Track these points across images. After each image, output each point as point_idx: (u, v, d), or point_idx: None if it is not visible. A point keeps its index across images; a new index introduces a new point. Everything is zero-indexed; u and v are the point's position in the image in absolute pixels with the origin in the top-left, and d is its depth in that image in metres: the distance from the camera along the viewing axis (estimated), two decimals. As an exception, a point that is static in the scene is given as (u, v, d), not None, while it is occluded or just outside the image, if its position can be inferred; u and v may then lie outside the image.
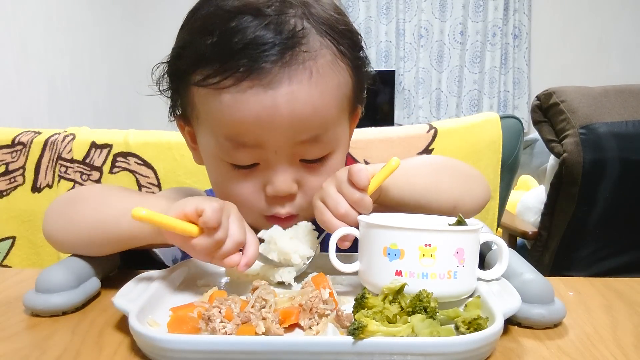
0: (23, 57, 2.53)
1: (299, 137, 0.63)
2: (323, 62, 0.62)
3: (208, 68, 0.61)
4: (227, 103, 0.61)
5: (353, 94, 0.68)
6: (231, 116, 0.61)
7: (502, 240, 0.56)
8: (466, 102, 4.23)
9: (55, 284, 0.55)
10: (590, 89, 1.51)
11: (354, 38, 0.68)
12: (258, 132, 0.62)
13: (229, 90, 0.60)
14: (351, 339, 0.42)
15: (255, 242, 0.58)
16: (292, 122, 0.61)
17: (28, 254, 1.09)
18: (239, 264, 0.56)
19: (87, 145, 1.08)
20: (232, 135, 0.63)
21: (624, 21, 4.04)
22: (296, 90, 0.60)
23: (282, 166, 0.64)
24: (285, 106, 0.60)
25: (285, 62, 0.59)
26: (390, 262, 0.51)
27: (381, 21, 4.19)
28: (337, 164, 0.68)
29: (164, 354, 0.43)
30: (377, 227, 0.54)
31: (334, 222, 0.59)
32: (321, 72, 0.62)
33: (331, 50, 0.64)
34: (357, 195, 0.59)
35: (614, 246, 1.55)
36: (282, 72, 0.59)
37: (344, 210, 0.59)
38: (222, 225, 0.54)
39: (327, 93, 0.63)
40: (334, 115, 0.65)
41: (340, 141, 0.68)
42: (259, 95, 0.60)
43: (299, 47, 0.60)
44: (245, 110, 0.60)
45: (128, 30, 3.66)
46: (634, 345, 0.48)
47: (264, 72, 0.59)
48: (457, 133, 1.06)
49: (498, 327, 0.44)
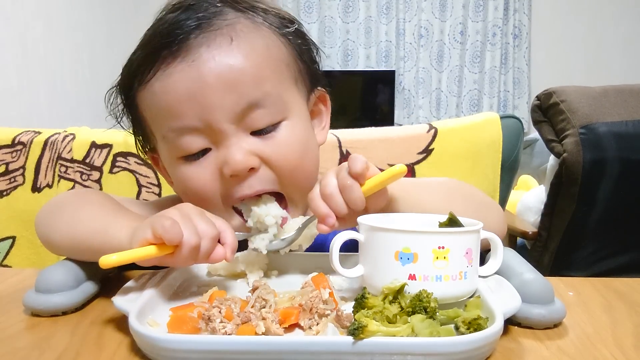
0: (23, 57, 2.53)
1: (237, 104, 0.61)
2: (242, 27, 0.63)
3: (139, 70, 0.63)
4: (158, 92, 0.62)
5: (294, 61, 0.67)
6: (166, 102, 0.62)
7: (496, 236, 0.57)
8: (466, 102, 4.23)
9: (55, 284, 0.55)
10: (590, 89, 1.51)
11: (281, 14, 0.68)
12: (195, 108, 0.60)
13: (157, 79, 0.61)
14: (351, 339, 0.42)
15: (228, 227, 0.57)
16: (223, 88, 0.60)
17: (28, 254, 1.09)
18: (225, 255, 0.56)
19: (87, 145, 1.08)
20: (173, 122, 0.62)
21: (624, 21, 4.04)
22: (217, 55, 0.60)
23: (232, 141, 0.62)
24: (210, 74, 0.59)
25: (201, 30, 0.60)
26: (403, 266, 0.51)
27: (381, 21, 4.19)
28: (297, 134, 0.66)
29: (164, 354, 0.43)
30: (387, 230, 0.53)
31: (318, 201, 0.58)
32: (242, 36, 0.62)
33: (250, 20, 0.64)
34: (348, 181, 0.58)
35: (614, 246, 1.55)
36: (200, 41, 0.60)
37: (329, 191, 0.58)
38: (189, 231, 0.53)
39: (253, 54, 0.62)
40: (270, 77, 0.63)
41: (290, 108, 0.65)
42: (183, 71, 0.60)
43: (214, 18, 0.62)
44: (174, 89, 0.60)
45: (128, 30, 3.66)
46: (634, 345, 0.48)
47: (183, 47, 0.60)
48: (457, 133, 1.06)
49: (498, 327, 0.44)
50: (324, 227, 0.58)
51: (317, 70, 0.72)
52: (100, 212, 0.65)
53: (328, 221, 0.58)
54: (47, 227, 0.67)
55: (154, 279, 0.58)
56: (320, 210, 0.58)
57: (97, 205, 0.67)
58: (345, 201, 0.58)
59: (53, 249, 0.67)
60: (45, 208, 0.69)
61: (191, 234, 0.53)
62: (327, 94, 0.75)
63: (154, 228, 0.52)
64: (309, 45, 0.71)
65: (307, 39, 0.71)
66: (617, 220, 1.51)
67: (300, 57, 0.68)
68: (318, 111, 0.75)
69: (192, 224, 0.54)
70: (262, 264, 0.64)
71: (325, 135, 0.75)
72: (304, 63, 0.69)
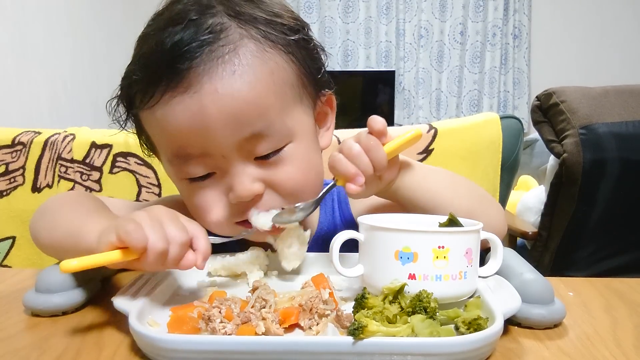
0: (23, 57, 2.53)
1: (240, 134, 0.59)
2: (246, 51, 0.59)
3: (139, 93, 0.61)
4: (160, 119, 0.60)
5: (298, 78, 0.65)
6: (167, 132, 0.61)
7: (496, 237, 0.57)
8: (466, 102, 4.23)
9: (55, 284, 0.55)
10: (590, 89, 1.51)
11: (285, 22, 0.64)
12: (196, 140, 0.59)
13: (158, 106, 0.59)
14: (351, 339, 0.42)
15: (201, 232, 0.55)
16: (226, 120, 0.58)
17: (28, 254, 1.09)
18: (196, 262, 0.53)
19: (87, 145, 1.08)
20: (175, 150, 0.62)
21: (624, 21, 4.04)
22: (220, 87, 0.58)
23: (237, 169, 0.61)
24: (212, 106, 0.58)
25: (202, 60, 0.57)
26: (403, 266, 0.51)
27: (381, 21, 4.19)
28: (301, 154, 0.64)
29: (164, 354, 0.43)
30: (387, 230, 0.53)
31: (344, 162, 0.59)
32: (245, 63, 0.59)
33: (254, 39, 0.60)
34: (371, 141, 0.59)
35: (614, 246, 1.55)
36: (202, 72, 0.57)
37: (355, 152, 0.59)
38: (157, 235, 0.50)
39: (257, 83, 0.59)
40: (274, 104, 0.61)
41: (295, 131, 0.64)
42: (184, 103, 0.58)
43: (217, 42, 0.58)
44: (175, 122, 0.59)
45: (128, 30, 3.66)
46: (634, 345, 0.48)
47: (183, 77, 0.57)
48: (457, 133, 1.06)
49: (498, 327, 0.45)
50: (354, 187, 0.59)
51: (322, 76, 0.70)
52: (76, 214, 0.63)
53: (358, 180, 0.59)
54: (34, 232, 0.68)
55: (154, 278, 0.58)
56: (350, 170, 0.59)
57: (75, 207, 0.65)
58: (370, 161, 0.59)
59: (44, 252, 0.68)
60: (35, 213, 0.70)
61: (158, 239, 0.50)
62: (333, 95, 0.74)
63: (118, 232, 0.50)
64: (314, 53, 0.68)
65: (312, 45, 0.68)
66: (617, 220, 1.51)
67: (305, 71, 0.66)
68: (324, 114, 0.74)
69: (161, 228, 0.51)
70: (262, 264, 0.64)
71: (330, 137, 0.74)
72: (308, 76, 0.67)
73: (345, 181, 0.60)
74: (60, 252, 0.61)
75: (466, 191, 0.69)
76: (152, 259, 0.50)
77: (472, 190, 0.71)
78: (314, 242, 0.75)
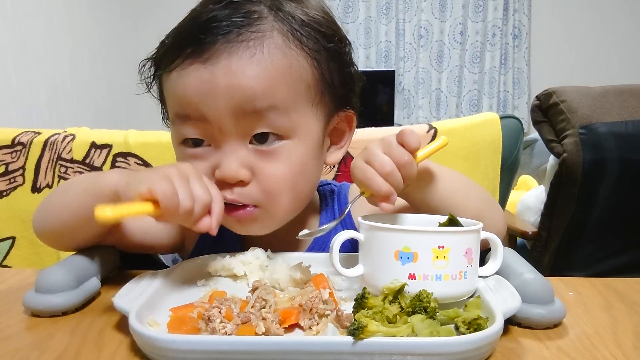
0: (23, 57, 2.53)
1: (241, 106, 0.61)
2: (271, 43, 0.62)
3: (165, 56, 0.65)
4: (174, 81, 0.64)
5: (317, 83, 0.66)
6: (176, 92, 0.64)
7: (496, 237, 0.57)
8: (466, 102, 4.23)
9: (55, 284, 0.55)
10: (590, 89, 1.51)
11: (322, 29, 0.66)
12: (198, 103, 0.62)
13: (177, 70, 0.63)
14: (351, 339, 0.42)
15: (219, 197, 0.58)
16: (231, 92, 0.60)
17: (28, 254, 1.09)
18: (211, 226, 0.57)
19: (87, 145, 1.08)
20: (177, 109, 0.64)
21: (624, 21, 4.04)
22: (234, 64, 0.60)
23: (230, 147, 0.63)
24: (222, 78, 0.61)
25: (228, 39, 0.61)
26: (403, 266, 0.51)
27: (381, 21, 4.19)
28: (297, 156, 0.65)
29: (164, 354, 0.43)
30: (387, 230, 0.53)
31: (378, 180, 0.58)
32: (266, 52, 0.61)
33: (283, 34, 0.63)
34: (406, 158, 0.59)
35: (614, 246, 1.55)
36: (223, 49, 0.61)
37: (390, 169, 0.58)
38: (185, 194, 0.54)
39: (272, 69, 0.61)
40: (282, 92, 0.62)
41: (296, 129, 0.64)
42: (198, 71, 0.61)
43: (247, 27, 0.61)
44: (186, 84, 0.62)
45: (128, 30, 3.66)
46: (634, 345, 0.48)
47: (205, 50, 0.61)
48: (457, 133, 1.06)
49: (498, 327, 0.45)
50: (387, 206, 0.59)
51: (349, 92, 0.71)
52: (87, 177, 0.69)
53: (392, 199, 0.59)
54: (43, 215, 0.68)
55: (153, 279, 0.58)
56: (383, 189, 0.58)
57: (81, 177, 0.70)
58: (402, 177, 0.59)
59: (50, 235, 0.68)
60: (38, 206, 0.70)
61: (186, 198, 0.54)
62: (355, 115, 0.74)
63: (152, 189, 0.52)
64: (344, 67, 0.69)
65: (344, 59, 0.69)
66: (617, 220, 1.50)
67: (327, 80, 0.67)
68: (340, 131, 0.73)
69: (188, 186, 0.55)
70: (262, 264, 0.64)
71: (340, 157, 0.74)
72: (329, 87, 0.67)
73: (376, 198, 0.59)
74: (76, 211, 0.62)
75: (476, 194, 0.70)
76: (179, 216, 0.54)
77: (480, 192, 0.71)
78: (314, 242, 0.75)
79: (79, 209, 0.62)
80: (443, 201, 0.65)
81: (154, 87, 0.71)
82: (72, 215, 0.64)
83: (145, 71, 0.70)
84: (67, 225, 0.65)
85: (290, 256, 0.67)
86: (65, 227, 0.65)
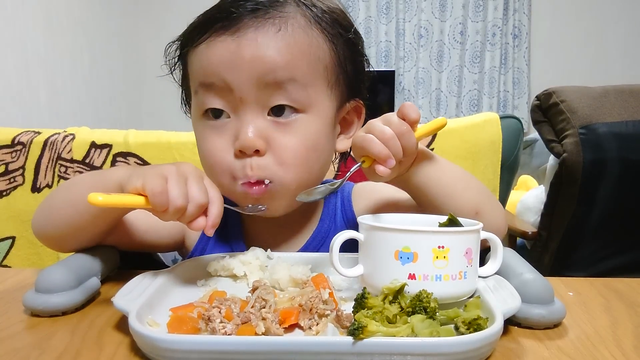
0: (23, 57, 2.53)
1: (262, 78, 0.64)
2: (294, 22, 0.66)
3: (193, 33, 0.68)
4: (200, 52, 0.67)
5: (334, 67, 0.69)
6: (201, 62, 0.67)
7: (496, 237, 0.57)
8: (466, 102, 4.23)
9: (55, 284, 0.55)
10: (590, 89, 1.51)
11: (339, 19, 0.70)
12: (223, 71, 0.64)
13: (204, 44, 0.66)
14: (351, 339, 0.42)
15: (218, 200, 0.59)
16: (254, 63, 0.63)
17: (28, 254, 1.09)
18: (206, 226, 0.58)
19: (87, 145, 1.08)
20: (202, 78, 0.67)
21: (624, 21, 4.04)
22: (260, 38, 0.64)
23: (249, 116, 0.65)
24: (247, 49, 0.63)
25: (256, 15, 0.64)
26: (403, 266, 0.51)
27: (381, 21, 4.19)
28: (311, 131, 0.67)
29: (164, 354, 0.43)
30: (387, 230, 0.53)
31: (377, 143, 0.60)
32: (290, 31, 0.65)
33: (306, 17, 0.67)
34: (405, 127, 0.61)
35: (614, 246, 1.55)
36: (251, 23, 0.64)
37: (389, 135, 0.60)
38: (178, 192, 0.55)
39: (295, 46, 0.65)
40: (302, 68, 0.65)
41: (312, 105, 0.67)
42: (226, 42, 0.65)
43: (273, 8, 0.65)
44: (212, 54, 0.65)
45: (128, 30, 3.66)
46: (634, 345, 0.48)
47: (233, 24, 0.64)
48: (457, 133, 1.06)
49: (498, 327, 0.45)
50: (383, 168, 0.60)
51: (360, 82, 0.74)
52: (91, 175, 0.70)
53: (389, 162, 0.60)
54: (45, 215, 0.68)
55: (154, 279, 0.58)
56: (382, 152, 0.60)
57: (86, 175, 0.72)
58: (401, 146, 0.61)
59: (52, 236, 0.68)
60: (38, 207, 0.70)
61: (178, 196, 0.55)
62: (364, 107, 0.76)
63: (145, 185, 0.55)
64: (357, 58, 0.73)
65: (358, 49, 0.73)
66: (617, 220, 1.50)
67: (343, 67, 0.70)
68: (349, 121, 0.76)
69: (184, 185, 0.56)
70: (262, 264, 0.64)
71: (348, 145, 0.75)
72: (344, 73, 0.71)
73: (375, 162, 0.61)
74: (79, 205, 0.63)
75: (477, 187, 0.70)
76: (170, 212, 0.56)
77: (481, 187, 0.72)
78: (314, 242, 0.75)
79: (86, 206, 0.62)
80: (443, 188, 0.65)
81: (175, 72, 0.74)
82: (78, 213, 0.64)
83: (171, 53, 0.73)
84: (72, 225, 0.64)
85: (290, 256, 0.67)
86: (70, 226, 0.65)
